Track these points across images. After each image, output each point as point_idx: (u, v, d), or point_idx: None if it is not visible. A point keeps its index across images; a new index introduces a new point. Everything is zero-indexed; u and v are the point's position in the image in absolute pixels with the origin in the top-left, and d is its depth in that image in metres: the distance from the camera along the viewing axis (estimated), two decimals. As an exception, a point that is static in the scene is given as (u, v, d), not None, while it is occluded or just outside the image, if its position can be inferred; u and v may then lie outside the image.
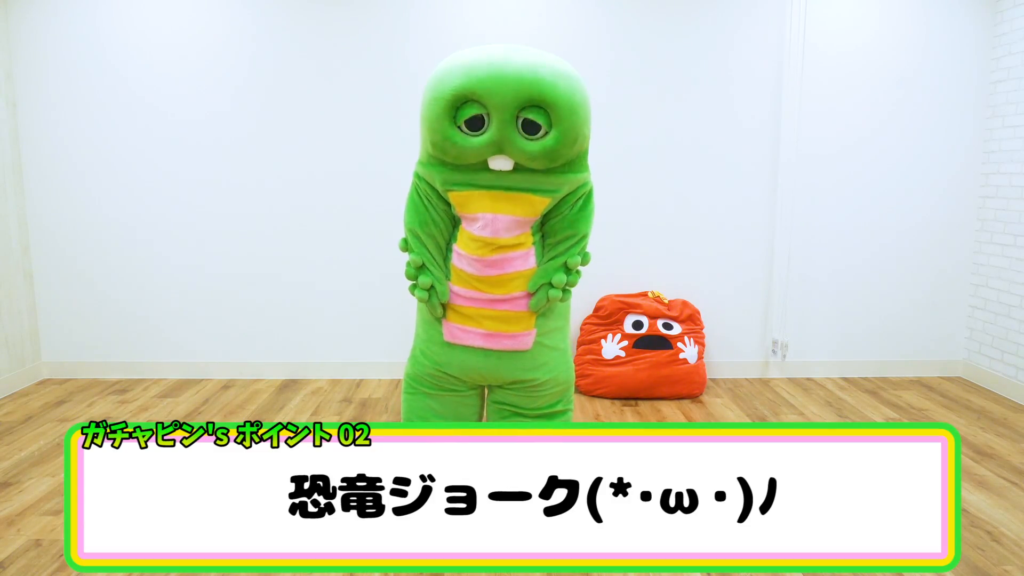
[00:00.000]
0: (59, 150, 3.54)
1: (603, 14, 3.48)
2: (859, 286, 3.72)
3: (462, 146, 2.11)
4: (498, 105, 2.04)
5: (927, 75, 3.56)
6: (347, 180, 3.57)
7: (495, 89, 2.02)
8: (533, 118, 2.07)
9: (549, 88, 2.04)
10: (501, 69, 2.03)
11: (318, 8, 3.44)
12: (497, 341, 2.29)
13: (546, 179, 2.19)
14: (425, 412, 2.46)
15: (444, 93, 2.07)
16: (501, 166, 2.16)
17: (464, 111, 2.08)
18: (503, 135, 2.08)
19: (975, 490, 2.45)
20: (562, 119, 2.08)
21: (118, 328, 3.67)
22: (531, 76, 2.03)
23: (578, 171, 2.24)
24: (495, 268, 2.23)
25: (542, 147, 2.10)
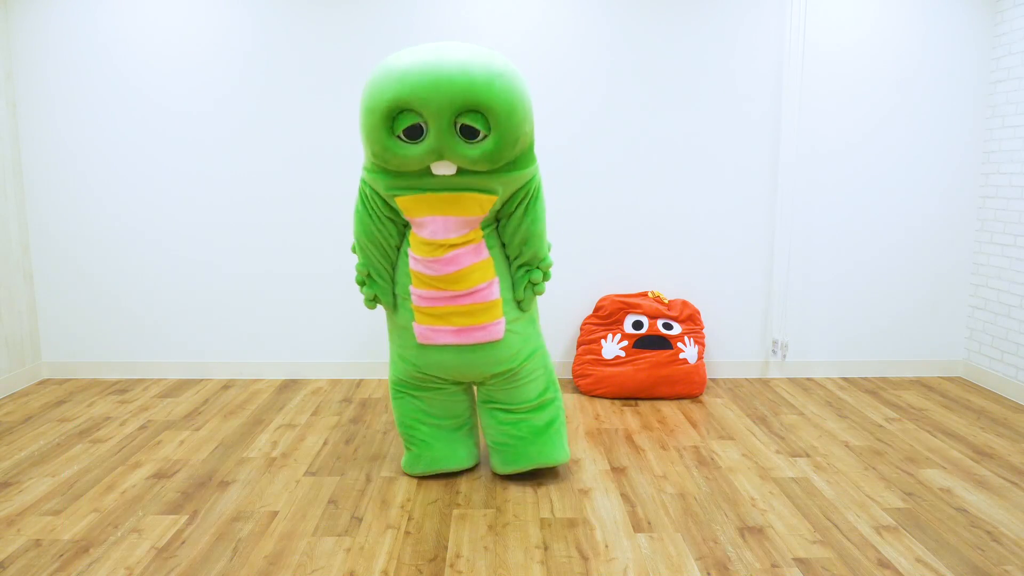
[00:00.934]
0: (59, 150, 3.54)
1: (602, 13, 3.48)
2: (859, 286, 3.72)
3: (402, 155, 2.10)
4: (434, 113, 2.01)
5: (927, 75, 3.56)
6: (347, 180, 3.57)
7: (429, 97, 1.98)
8: (470, 123, 2.04)
9: (484, 91, 1.99)
10: (434, 75, 1.98)
11: (315, 3, 3.44)
12: (469, 335, 2.30)
13: (491, 179, 2.19)
14: (416, 413, 2.47)
15: (379, 104, 2.03)
16: (444, 171, 2.15)
17: (401, 121, 2.06)
18: (442, 142, 2.06)
19: (975, 490, 2.45)
20: (500, 122, 2.04)
21: (118, 328, 3.67)
22: (464, 80, 1.98)
23: (523, 167, 2.22)
24: (451, 265, 2.25)
25: (482, 151, 2.08)
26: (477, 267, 2.27)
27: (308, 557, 2.02)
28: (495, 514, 2.27)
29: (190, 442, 2.85)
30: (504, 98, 2.02)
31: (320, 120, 3.52)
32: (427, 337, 2.32)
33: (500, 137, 2.07)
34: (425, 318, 2.31)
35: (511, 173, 2.20)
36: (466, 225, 2.25)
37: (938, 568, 1.98)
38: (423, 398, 2.45)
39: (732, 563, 2.00)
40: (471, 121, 2.04)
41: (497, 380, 2.40)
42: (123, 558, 2.01)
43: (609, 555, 2.04)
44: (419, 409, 2.47)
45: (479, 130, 2.06)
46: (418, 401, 2.46)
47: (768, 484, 2.49)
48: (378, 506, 2.32)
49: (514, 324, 2.37)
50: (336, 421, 3.09)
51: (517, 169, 2.21)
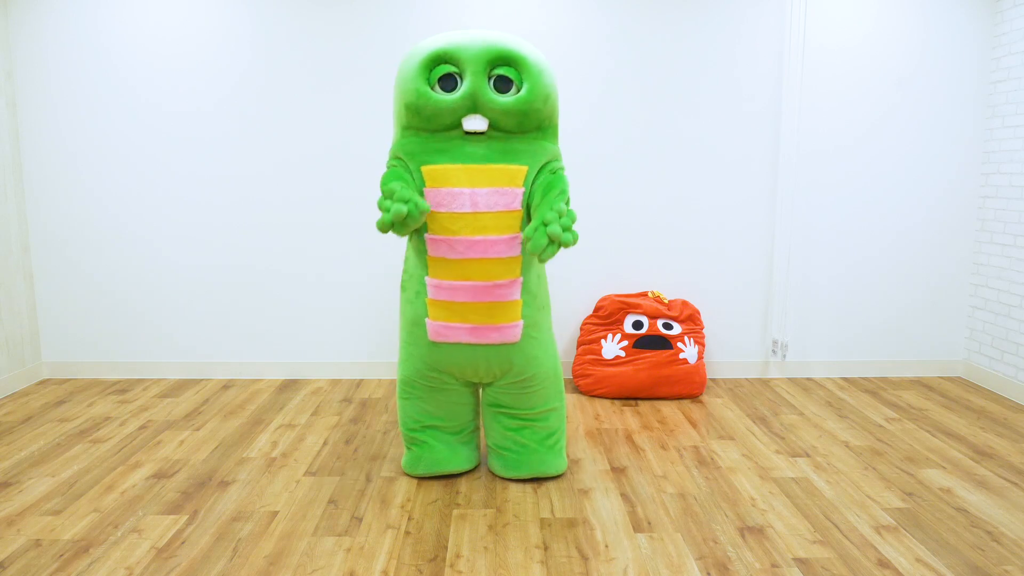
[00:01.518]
0: (59, 150, 3.54)
1: (602, 13, 3.48)
2: (859, 286, 3.72)
3: (437, 103, 2.21)
4: (470, 60, 2.20)
5: (927, 75, 3.56)
6: (347, 180, 3.57)
7: (467, 47, 2.21)
8: (504, 73, 2.23)
9: (517, 48, 2.24)
10: (471, 35, 2.25)
11: (316, 3, 3.44)
12: (484, 335, 2.28)
13: (519, 145, 2.27)
14: (421, 416, 2.46)
15: (421, 54, 2.23)
16: (475, 125, 2.24)
17: (438, 71, 2.23)
18: (476, 90, 2.20)
19: (975, 490, 2.45)
20: (532, 75, 2.24)
21: (118, 328, 3.68)
22: (499, 39, 2.24)
23: (549, 139, 2.35)
24: (477, 249, 2.21)
25: (516, 100, 2.22)
26: (504, 261, 2.25)
27: (308, 557, 2.02)
28: (495, 514, 2.27)
29: (190, 442, 2.85)
30: (533, 56, 2.27)
31: (320, 120, 3.52)
32: (440, 334, 2.30)
33: (531, 88, 2.23)
34: (440, 312, 2.28)
35: (538, 141, 2.31)
36: (495, 198, 2.22)
37: (938, 568, 1.98)
38: (430, 400, 2.44)
39: (732, 563, 2.00)
40: (505, 71, 2.23)
41: (508, 384, 2.39)
42: (123, 558, 2.01)
43: (609, 555, 2.04)
44: (424, 412, 2.45)
45: (512, 81, 2.24)
46: (424, 403, 2.44)
47: (768, 484, 2.49)
48: (378, 506, 2.32)
49: (532, 329, 2.35)
50: (336, 421, 3.09)
51: (543, 139, 2.33)
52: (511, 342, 2.31)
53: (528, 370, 2.36)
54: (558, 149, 2.37)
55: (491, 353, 2.31)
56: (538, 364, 2.38)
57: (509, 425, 2.46)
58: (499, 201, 2.23)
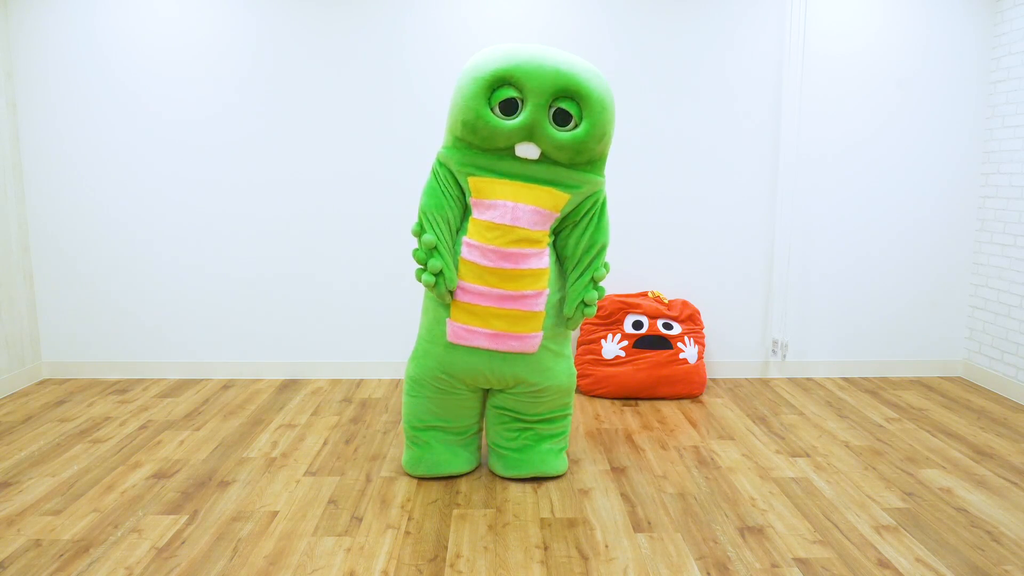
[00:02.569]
0: (59, 150, 3.54)
1: (604, 15, 3.48)
2: (859, 286, 3.72)
3: (494, 127, 2.17)
4: (535, 90, 2.13)
5: (927, 75, 3.56)
6: (347, 180, 3.57)
7: (534, 74, 2.13)
8: (566, 108, 2.17)
9: (584, 82, 2.15)
10: (541, 59, 2.14)
11: (319, 9, 3.44)
12: (503, 342, 2.28)
13: (567, 174, 2.25)
14: (426, 415, 2.46)
15: (484, 73, 2.15)
16: (528, 153, 2.21)
17: (500, 93, 2.16)
18: (535, 121, 2.16)
19: (975, 490, 2.45)
20: (593, 113, 2.17)
21: (118, 328, 3.67)
22: (568, 69, 2.14)
23: (598, 173, 2.30)
24: (509, 261, 2.23)
25: (572, 137, 2.18)
26: (533, 272, 2.26)
27: (308, 557, 2.02)
28: (495, 514, 2.27)
29: (190, 442, 2.85)
30: (600, 93, 2.19)
31: (321, 121, 3.52)
32: (460, 336, 2.30)
33: (591, 127, 2.18)
34: (462, 315, 2.29)
35: (586, 173, 2.27)
36: (538, 218, 2.25)
37: (938, 568, 1.98)
38: (436, 401, 2.43)
39: (732, 563, 2.00)
40: (567, 106, 2.17)
41: (519, 392, 2.40)
42: (123, 558, 2.01)
43: (609, 555, 2.04)
44: (430, 411, 2.45)
45: (572, 116, 2.18)
46: (430, 403, 2.44)
47: (768, 484, 2.49)
48: (378, 506, 2.32)
49: (551, 342, 2.36)
50: (336, 421, 3.09)
51: (592, 172, 2.29)
52: (528, 352, 2.31)
53: (542, 382, 2.37)
54: (603, 179, 2.34)
55: (507, 361, 2.31)
56: (552, 376, 2.38)
57: (512, 427, 2.46)
58: (537, 220, 2.26)
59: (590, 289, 2.34)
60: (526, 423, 2.46)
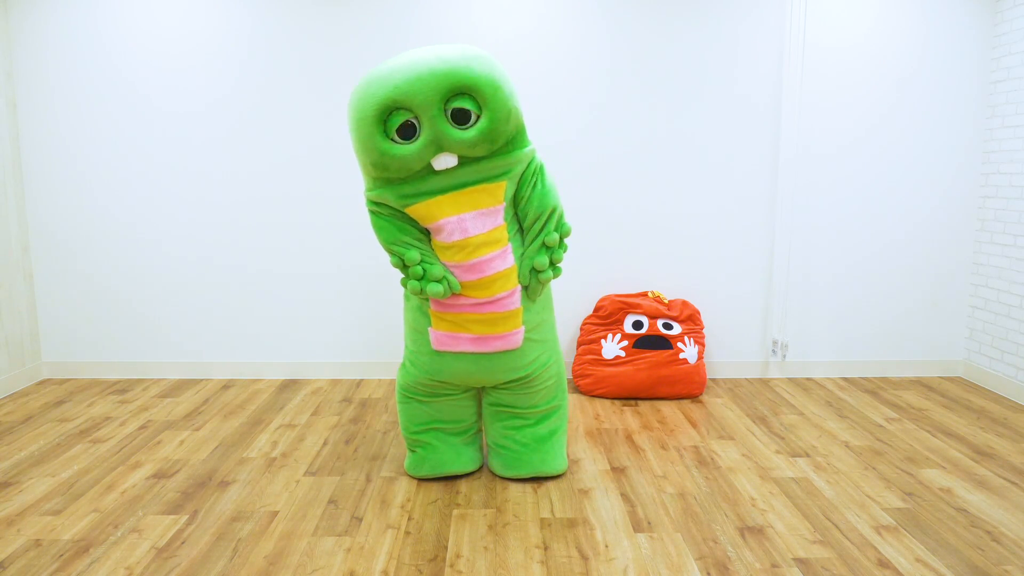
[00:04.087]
0: (59, 150, 3.54)
1: (602, 13, 3.48)
2: (859, 286, 3.72)
3: (402, 156, 2.11)
4: (423, 104, 2.05)
5: (927, 75, 3.56)
6: (347, 180, 3.57)
7: (416, 89, 2.04)
8: (460, 105, 2.09)
9: (465, 74, 2.06)
10: (415, 69, 2.05)
11: (315, 3, 3.44)
12: (487, 344, 2.28)
13: (493, 164, 2.19)
14: (422, 419, 2.45)
15: (368, 109, 2.07)
16: (445, 164, 2.15)
17: (393, 121, 2.09)
18: (437, 132, 2.09)
19: (975, 490, 2.45)
20: (488, 99, 2.09)
21: (118, 328, 3.67)
22: (445, 67, 2.05)
23: (520, 146, 2.23)
24: (474, 272, 2.22)
25: (479, 132, 2.11)
26: (501, 275, 2.25)
27: (308, 557, 2.02)
28: (495, 514, 2.27)
29: (190, 442, 2.85)
30: (486, 75, 2.09)
31: (320, 119, 3.52)
32: (443, 343, 2.30)
33: (492, 113, 2.10)
34: (442, 323, 2.29)
35: (509, 155, 2.20)
36: (482, 219, 2.22)
37: (938, 568, 1.98)
38: (430, 403, 2.44)
39: (732, 563, 2.00)
40: (461, 103, 2.08)
41: (510, 385, 2.40)
42: (123, 558, 2.01)
43: (609, 555, 2.04)
44: (426, 415, 2.45)
45: (470, 111, 2.10)
46: (425, 407, 2.44)
47: (768, 484, 2.49)
48: (378, 506, 2.32)
49: (533, 332, 2.35)
50: (336, 421, 3.09)
51: (516, 149, 2.21)
52: (513, 348, 2.31)
53: (531, 372, 2.37)
54: (530, 149, 2.27)
55: (494, 360, 2.31)
56: (540, 364, 2.39)
57: (510, 424, 2.46)
58: (486, 222, 2.23)
59: (541, 254, 2.28)
60: (522, 418, 2.46)
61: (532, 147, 2.27)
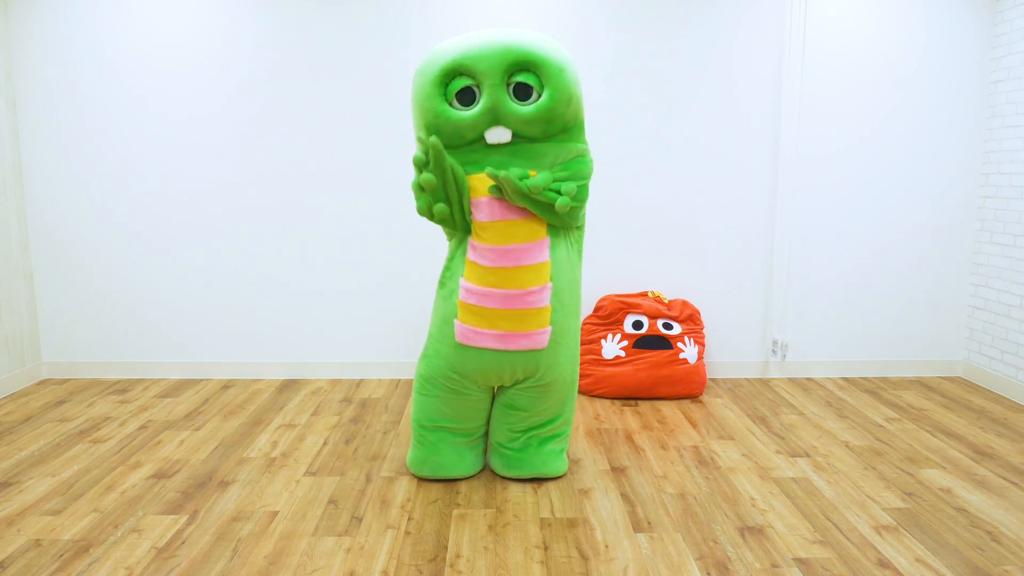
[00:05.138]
0: (59, 150, 3.54)
1: (602, 13, 3.48)
2: (859, 286, 3.72)
3: (457, 121, 2.13)
4: (487, 71, 2.08)
5: (927, 75, 3.56)
6: (347, 180, 3.57)
7: (481, 57, 2.08)
8: (524, 80, 2.11)
9: (534, 51, 2.09)
10: (486, 40, 2.10)
11: (318, 6, 3.44)
12: (512, 341, 2.26)
13: (545, 148, 2.18)
14: (435, 415, 2.44)
15: (432, 68, 2.12)
16: (499, 137, 2.16)
17: (454, 85, 2.12)
18: (496, 102, 2.11)
19: (975, 490, 2.45)
20: (552, 78, 2.10)
21: (118, 328, 3.68)
22: (515, 41, 2.09)
23: (576, 138, 2.24)
24: (509, 259, 2.20)
25: (537, 108, 2.12)
26: (534, 268, 2.22)
27: (308, 557, 2.02)
28: (495, 514, 2.27)
29: (190, 442, 2.85)
30: (554, 55, 2.12)
31: (322, 122, 3.52)
32: (467, 337, 2.28)
33: (554, 93, 2.11)
34: (469, 316, 2.27)
35: (563, 143, 2.20)
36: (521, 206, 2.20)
37: (938, 568, 1.98)
38: (446, 401, 2.41)
39: (732, 563, 2.00)
40: (524, 78, 2.11)
41: (526, 387, 2.38)
42: (123, 558, 2.01)
43: (609, 555, 2.04)
44: (439, 411, 2.43)
45: (532, 87, 2.12)
46: (440, 403, 2.42)
47: (768, 484, 2.49)
48: (378, 506, 2.32)
49: (560, 336, 2.30)
50: (336, 421, 3.09)
51: (570, 140, 2.22)
52: (538, 348, 2.29)
53: (550, 375, 2.35)
54: (585, 145, 2.28)
55: (517, 359, 2.29)
56: (560, 369, 2.36)
57: (517, 426, 2.46)
58: (524, 209, 2.21)
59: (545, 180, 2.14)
60: (531, 424, 2.45)
61: (587, 146, 2.28)
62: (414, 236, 3.61)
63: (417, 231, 3.61)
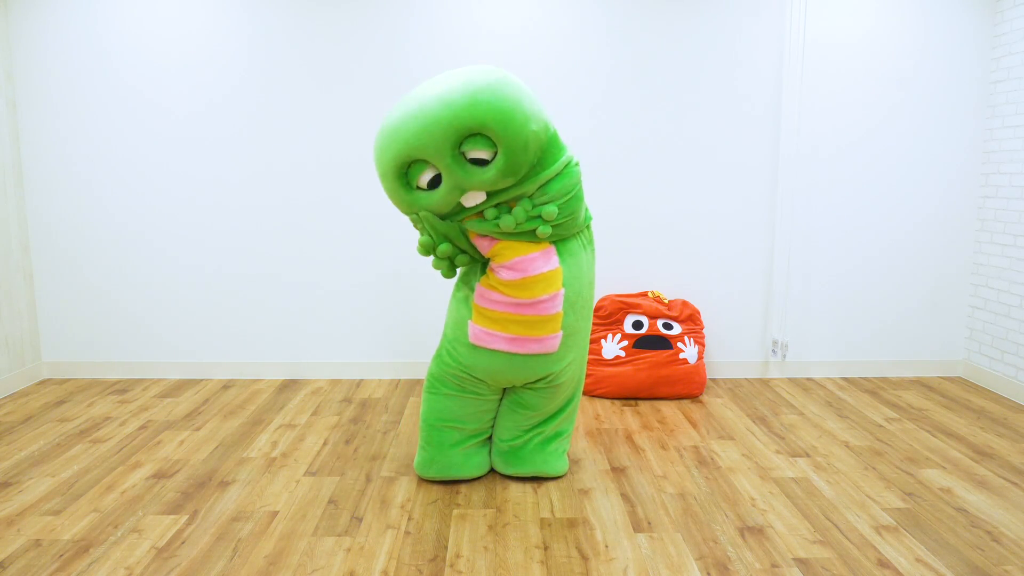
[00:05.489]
0: (59, 150, 3.54)
1: (602, 13, 3.48)
2: (859, 286, 3.72)
3: (429, 203, 2.17)
4: (436, 155, 2.04)
5: (927, 75, 3.56)
6: (348, 180, 3.57)
7: (423, 143, 2.02)
8: (475, 152, 2.06)
9: (470, 115, 1.99)
10: (419, 120, 2.00)
11: (318, 6, 3.44)
12: (523, 345, 2.28)
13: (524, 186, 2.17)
14: (444, 413, 2.43)
15: (388, 165, 2.12)
16: (475, 201, 2.19)
17: (413, 171, 2.13)
18: (457, 179, 2.09)
19: (975, 490, 2.45)
20: (500, 135, 2.02)
21: (118, 328, 3.67)
22: (449, 114, 1.98)
23: (550, 163, 2.19)
24: (516, 271, 2.23)
25: (497, 170, 2.08)
26: (543, 277, 2.23)
27: (308, 557, 2.02)
28: (495, 514, 2.27)
29: (190, 442, 2.85)
30: (494, 111, 1.99)
31: (321, 122, 3.52)
32: (480, 339, 2.30)
33: (508, 149, 2.04)
34: (481, 319, 2.29)
35: (538, 176, 2.17)
36: None
37: (938, 568, 1.98)
38: (457, 399, 2.41)
39: (732, 563, 2.00)
40: (474, 148, 2.05)
41: (536, 386, 2.39)
42: (123, 558, 2.01)
43: (609, 555, 2.04)
44: (448, 410, 2.42)
45: (485, 157, 2.07)
46: (450, 401, 2.42)
47: (768, 484, 2.49)
48: (378, 506, 2.32)
49: (571, 338, 2.32)
50: (336, 421, 3.09)
51: (543, 169, 2.18)
52: (549, 352, 2.31)
53: (562, 376, 2.37)
54: (563, 156, 2.23)
55: (528, 362, 2.30)
56: (571, 369, 2.39)
57: (522, 424, 2.46)
58: None
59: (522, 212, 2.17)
60: (536, 421, 2.46)
61: (566, 157, 2.22)
62: (414, 236, 3.61)
63: (417, 231, 3.61)
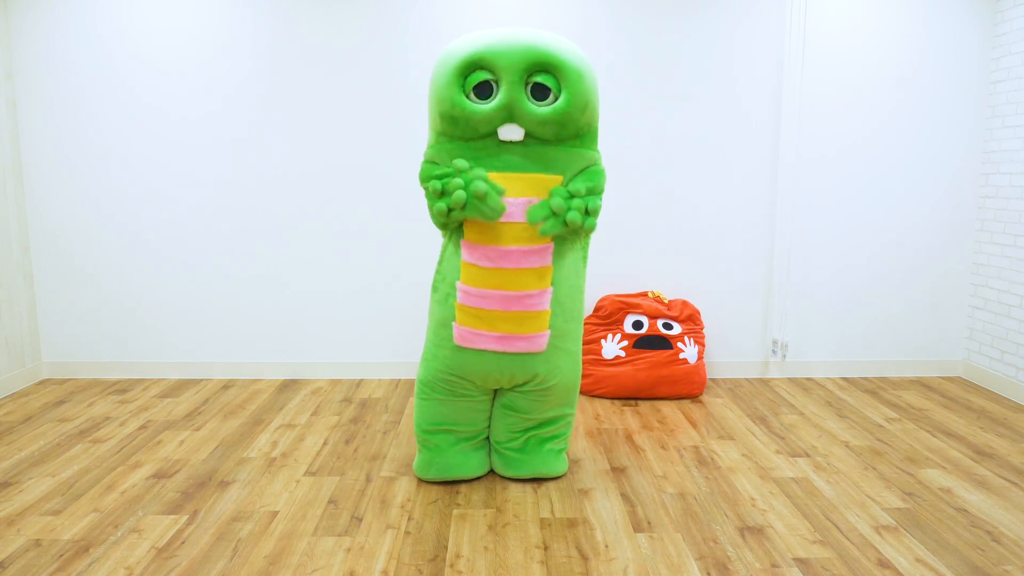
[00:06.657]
0: (59, 150, 3.54)
1: (602, 13, 3.48)
2: (859, 286, 3.72)
3: (471, 113, 2.14)
4: (507, 68, 2.10)
5: (927, 75, 3.56)
6: (347, 180, 3.57)
7: (504, 53, 2.10)
8: (542, 81, 2.14)
9: (556, 53, 2.12)
10: (511, 37, 2.13)
11: (318, 6, 3.44)
12: (510, 343, 2.26)
13: (556, 153, 2.20)
14: (436, 418, 2.43)
15: (454, 60, 2.14)
16: (511, 135, 2.17)
17: (473, 77, 2.14)
18: (513, 99, 2.13)
19: (975, 490, 2.45)
20: (570, 82, 2.13)
21: (118, 328, 3.67)
22: (538, 42, 2.12)
23: (587, 145, 2.25)
24: (509, 260, 2.20)
25: (553, 111, 2.14)
26: (535, 271, 2.23)
27: (308, 557, 2.02)
28: (495, 514, 2.27)
29: (190, 442, 2.85)
30: (575, 62, 2.15)
31: (321, 123, 3.52)
32: (466, 339, 2.28)
33: (570, 97, 2.14)
34: (467, 319, 2.26)
35: (575, 149, 2.22)
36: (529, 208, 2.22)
37: (938, 568, 1.98)
38: (448, 403, 2.40)
39: (732, 563, 2.00)
40: (543, 79, 2.14)
41: (527, 390, 2.38)
42: (123, 558, 2.01)
43: (609, 555, 2.04)
44: (440, 414, 2.42)
45: (550, 89, 2.15)
46: (441, 406, 2.41)
47: (768, 484, 2.49)
48: (378, 506, 2.32)
49: (560, 341, 2.31)
50: (336, 421, 3.09)
51: (582, 146, 2.24)
52: (536, 351, 2.29)
53: (550, 379, 2.35)
54: (597, 154, 2.29)
55: (515, 361, 2.29)
56: (560, 374, 2.36)
57: (516, 426, 2.46)
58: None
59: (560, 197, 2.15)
60: (530, 424, 2.45)
61: (599, 154, 2.30)
62: (414, 236, 3.61)
63: (417, 231, 3.61)
